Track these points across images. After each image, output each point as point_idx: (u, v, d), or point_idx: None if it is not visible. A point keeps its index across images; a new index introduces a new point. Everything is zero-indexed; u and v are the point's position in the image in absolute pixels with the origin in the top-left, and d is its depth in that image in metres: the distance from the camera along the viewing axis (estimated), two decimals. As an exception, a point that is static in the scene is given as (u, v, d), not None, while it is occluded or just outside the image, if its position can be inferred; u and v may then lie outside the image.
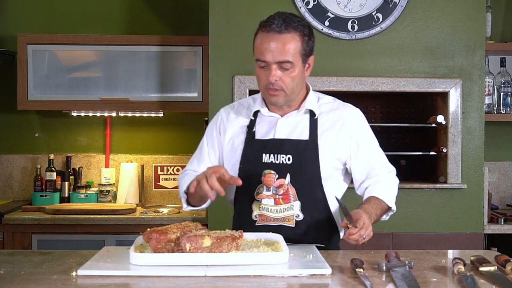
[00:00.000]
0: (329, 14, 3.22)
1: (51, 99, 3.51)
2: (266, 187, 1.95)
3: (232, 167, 2.01)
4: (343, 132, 2.01)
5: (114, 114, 3.72)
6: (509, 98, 3.56)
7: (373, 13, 3.22)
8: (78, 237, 3.25)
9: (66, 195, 3.65)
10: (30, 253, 2.13)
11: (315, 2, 3.21)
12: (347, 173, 2.08)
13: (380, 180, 2.04)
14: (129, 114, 3.72)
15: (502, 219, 3.30)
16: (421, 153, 3.39)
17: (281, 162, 1.95)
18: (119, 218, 3.27)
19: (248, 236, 1.82)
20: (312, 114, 2.01)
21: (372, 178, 2.04)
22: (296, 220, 1.95)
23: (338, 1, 3.23)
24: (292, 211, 1.95)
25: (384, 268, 1.62)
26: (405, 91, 3.26)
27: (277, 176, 1.95)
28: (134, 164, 3.75)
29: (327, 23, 3.22)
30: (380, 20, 3.22)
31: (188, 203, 2.02)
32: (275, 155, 1.96)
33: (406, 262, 1.62)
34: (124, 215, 3.32)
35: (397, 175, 2.16)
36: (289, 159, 1.95)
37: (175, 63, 3.54)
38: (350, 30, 3.23)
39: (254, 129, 2.01)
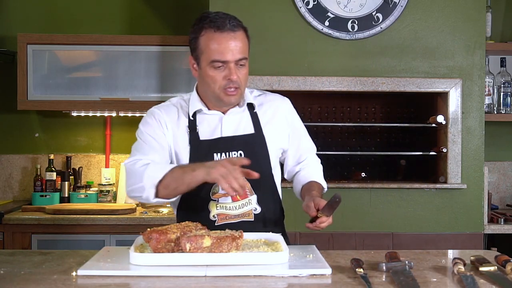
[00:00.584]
0: (329, 14, 3.22)
1: (51, 99, 3.51)
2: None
3: None
4: (281, 122, 2.08)
5: (114, 114, 3.72)
6: (509, 98, 3.56)
7: (373, 13, 3.22)
8: (78, 237, 3.25)
9: (66, 195, 3.65)
10: (30, 253, 2.12)
11: (315, 2, 3.21)
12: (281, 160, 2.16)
13: (310, 163, 2.13)
14: (129, 114, 3.72)
15: (502, 219, 3.30)
16: (421, 153, 3.39)
17: None
18: (119, 218, 3.27)
19: (248, 236, 1.81)
20: (251, 107, 2.04)
21: (302, 162, 2.13)
22: (254, 214, 1.97)
23: (338, 1, 3.23)
24: (251, 205, 1.97)
25: (384, 268, 1.62)
26: (405, 91, 3.26)
27: None
28: (134, 164, 3.75)
29: (327, 23, 3.22)
30: (380, 20, 3.22)
31: (157, 196, 1.89)
32: (226, 153, 1.96)
33: (406, 262, 1.62)
34: (124, 215, 3.32)
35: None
36: (240, 154, 1.97)
37: (175, 63, 3.54)
38: (350, 30, 3.23)
39: (196, 130, 1.98)
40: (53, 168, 3.67)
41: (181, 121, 2.01)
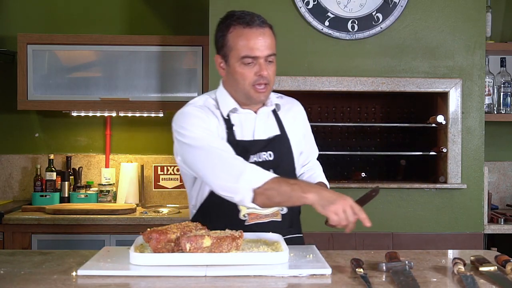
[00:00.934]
0: (329, 14, 3.22)
1: (51, 99, 3.51)
2: None
3: None
4: (299, 125, 2.11)
5: (114, 114, 3.72)
6: (509, 98, 3.56)
7: (373, 13, 3.22)
8: (78, 237, 3.25)
9: (66, 195, 3.65)
10: (30, 253, 2.13)
11: (315, 2, 3.21)
12: None
13: (314, 166, 2.16)
14: (129, 114, 3.72)
15: (502, 219, 3.30)
16: (421, 153, 3.39)
17: (263, 159, 1.96)
18: (119, 218, 3.27)
19: (248, 236, 1.81)
20: (273, 109, 2.05)
21: (306, 165, 2.14)
22: (281, 214, 1.98)
23: (338, 1, 3.23)
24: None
25: (384, 268, 1.62)
26: (405, 91, 3.26)
27: None
28: (134, 164, 3.75)
29: (327, 23, 3.22)
30: (380, 20, 3.22)
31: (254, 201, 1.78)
32: (258, 154, 1.96)
33: (406, 262, 1.62)
34: (124, 215, 3.32)
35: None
36: (270, 155, 1.97)
37: (175, 63, 3.54)
38: (350, 30, 3.23)
39: (233, 129, 1.96)
40: (53, 168, 3.67)
41: (216, 120, 1.94)
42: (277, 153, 1.98)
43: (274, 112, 2.04)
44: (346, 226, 1.67)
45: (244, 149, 1.93)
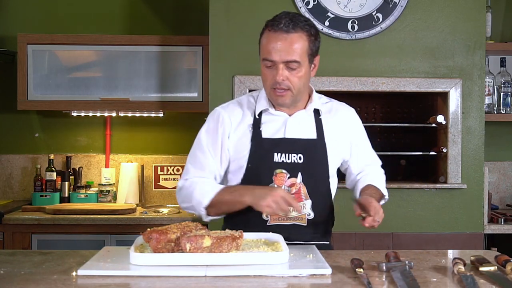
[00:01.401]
0: (329, 14, 3.22)
1: (51, 99, 3.51)
2: (278, 186, 1.94)
3: (238, 167, 1.99)
4: (345, 132, 2.07)
5: (114, 114, 3.72)
6: (509, 98, 3.56)
7: (373, 13, 3.22)
8: (78, 237, 3.25)
9: (66, 195, 3.65)
10: (30, 253, 2.13)
11: (315, 2, 3.21)
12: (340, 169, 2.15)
13: (371, 172, 2.12)
14: (129, 114, 3.72)
15: (502, 219, 3.30)
16: (421, 153, 3.39)
17: (292, 161, 1.95)
18: (119, 218, 3.27)
19: (248, 236, 1.82)
20: (317, 113, 2.04)
21: (363, 172, 2.12)
22: (307, 219, 1.97)
23: (338, 1, 3.23)
24: (305, 209, 1.96)
25: (384, 268, 1.62)
26: (405, 91, 3.26)
27: (288, 175, 1.95)
28: (134, 164, 3.75)
29: (327, 23, 3.22)
30: (380, 20, 3.22)
31: (209, 214, 1.96)
32: (286, 154, 1.96)
33: (406, 262, 1.62)
34: (124, 215, 3.32)
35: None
36: (300, 158, 1.96)
37: (175, 63, 3.54)
38: (350, 30, 3.23)
39: (260, 128, 1.98)
40: (53, 168, 3.67)
41: (246, 118, 2.01)
42: (308, 157, 1.96)
43: (317, 117, 2.03)
44: (286, 213, 1.83)
45: (268, 146, 1.95)
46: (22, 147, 3.84)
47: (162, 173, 3.81)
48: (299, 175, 1.95)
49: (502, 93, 3.57)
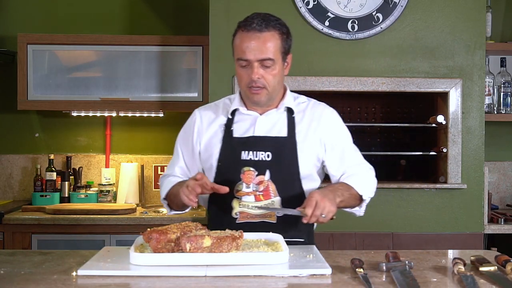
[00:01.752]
0: (329, 14, 3.22)
1: (51, 99, 3.51)
2: (246, 184, 1.96)
3: (210, 166, 2.02)
4: (320, 131, 2.05)
5: (114, 114, 3.72)
6: (509, 98, 3.56)
7: (373, 13, 3.22)
8: (78, 237, 3.25)
9: (66, 195, 3.65)
10: (30, 253, 2.13)
11: (315, 2, 3.21)
12: (321, 172, 2.11)
13: (356, 173, 2.06)
14: (129, 114, 3.72)
15: (502, 219, 3.30)
16: (421, 153, 3.39)
17: (260, 159, 1.97)
18: (119, 218, 3.27)
19: (248, 236, 1.82)
20: (290, 112, 2.05)
21: (346, 173, 2.06)
22: (277, 216, 1.97)
23: (338, 1, 3.23)
24: (273, 207, 1.96)
25: (384, 268, 1.62)
26: (405, 91, 3.26)
27: (256, 173, 1.96)
28: (134, 164, 3.75)
29: (327, 23, 3.22)
30: (380, 20, 3.22)
31: (171, 208, 2.09)
32: (254, 152, 1.97)
33: (406, 262, 1.62)
34: (124, 215, 3.32)
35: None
36: (268, 156, 1.97)
37: (175, 63, 3.54)
38: (350, 30, 3.23)
39: (232, 128, 2.02)
40: (53, 168, 3.67)
41: (219, 119, 2.06)
42: (276, 155, 1.97)
43: (289, 115, 2.04)
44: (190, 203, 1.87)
45: (237, 145, 1.98)
46: (22, 147, 3.84)
47: (162, 173, 3.78)
48: (267, 172, 1.96)
49: (502, 93, 3.57)
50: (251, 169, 1.96)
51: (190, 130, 2.10)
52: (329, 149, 2.05)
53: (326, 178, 2.15)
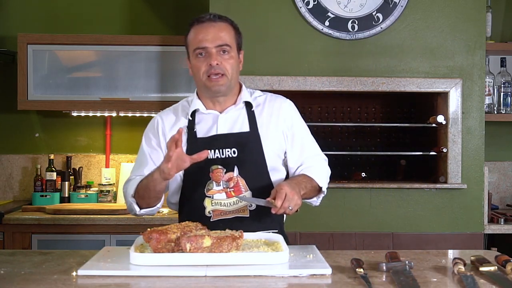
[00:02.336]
0: (329, 14, 3.22)
1: (51, 99, 3.51)
2: (216, 182, 1.98)
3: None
4: (280, 123, 2.08)
5: (114, 114, 3.72)
6: (509, 98, 3.56)
7: (373, 13, 3.22)
8: (78, 237, 3.25)
9: (66, 195, 3.65)
10: (30, 253, 2.13)
11: (315, 2, 3.21)
12: (285, 163, 2.13)
13: (313, 165, 2.08)
14: (129, 114, 3.72)
15: (502, 219, 3.30)
16: (421, 153, 3.39)
17: (227, 156, 1.99)
18: (119, 218, 3.27)
19: (248, 236, 1.82)
20: (248, 107, 2.07)
21: (304, 164, 2.09)
22: (249, 210, 1.98)
23: (338, 1, 3.23)
24: (245, 201, 1.98)
25: (384, 268, 1.62)
26: (405, 91, 3.26)
27: (225, 170, 1.98)
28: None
29: (327, 23, 3.22)
30: (380, 20, 3.22)
31: (141, 207, 2.02)
32: (220, 150, 1.99)
33: (406, 262, 1.62)
34: (124, 215, 3.31)
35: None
36: (234, 152, 1.99)
37: (175, 63, 3.54)
38: (350, 30, 3.23)
39: (194, 129, 2.03)
40: (53, 168, 3.67)
41: (180, 122, 2.07)
42: (242, 150, 1.99)
43: (249, 110, 2.06)
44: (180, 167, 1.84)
45: (203, 145, 1.98)
46: (22, 147, 3.84)
47: (162, 173, 3.80)
48: (235, 168, 1.98)
49: (502, 93, 3.57)
50: (219, 167, 1.98)
51: (155, 133, 2.09)
52: (290, 140, 2.09)
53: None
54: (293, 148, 2.09)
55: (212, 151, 1.98)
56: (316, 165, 2.09)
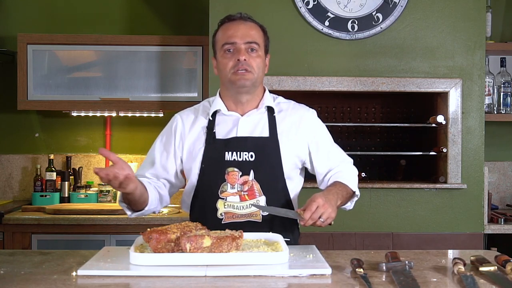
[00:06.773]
0: (329, 14, 3.22)
1: (51, 99, 3.51)
2: (231, 185, 1.97)
3: (193, 169, 2.02)
4: (301, 132, 2.07)
5: (114, 114, 3.72)
6: (509, 98, 3.56)
7: (373, 13, 3.22)
8: (78, 237, 3.25)
9: (66, 195, 3.65)
10: (30, 253, 2.13)
11: (315, 2, 3.21)
12: (302, 173, 2.14)
13: (342, 170, 2.09)
14: (129, 114, 3.72)
15: (502, 219, 3.30)
16: (421, 153, 3.39)
17: (244, 159, 1.98)
18: (119, 218, 3.27)
19: (248, 236, 1.82)
20: (270, 112, 2.06)
21: (332, 170, 2.09)
22: (262, 215, 1.98)
23: (338, 1, 3.23)
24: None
25: (384, 268, 1.62)
26: (405, 91, 3.26)
27: (240, 173, 1.97)
28: (134, 164, 3.75)
29: (327, 23, 3.22)
30: (380, 20, 3.22)
31: (133, 210, 2.00)
32: (238, 153, 1.98)
33: (406, 262, 1.62)
34: (124, 215, 3.30)
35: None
36: (251, 156, 1.98)
37: (175, 63, 3.54)
38: (350, 30, 3.23)
39: (214, 130, 2.02)
40: (53, 168, 3.67)
41: (200, 121, 2.06)
42: (259, 155, 1.98)
43: (270, 115, 2.05)
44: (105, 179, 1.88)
45: (220, 146, 1.98)
46: (22, 147, 3.85)
47: (162, 173, 3.80)
48: (251, 172, 1.97)
49: (502, 93, 3.57)
50: (235, 169, 1.97)
51: (171, 135, 2.10)
52: (315, 150, 2.08)
53: (308, 177, 2.17)
54: (319, 154, 2.08)
55: (230, 153, 1.98)
56: (345, 170, 2.09)
